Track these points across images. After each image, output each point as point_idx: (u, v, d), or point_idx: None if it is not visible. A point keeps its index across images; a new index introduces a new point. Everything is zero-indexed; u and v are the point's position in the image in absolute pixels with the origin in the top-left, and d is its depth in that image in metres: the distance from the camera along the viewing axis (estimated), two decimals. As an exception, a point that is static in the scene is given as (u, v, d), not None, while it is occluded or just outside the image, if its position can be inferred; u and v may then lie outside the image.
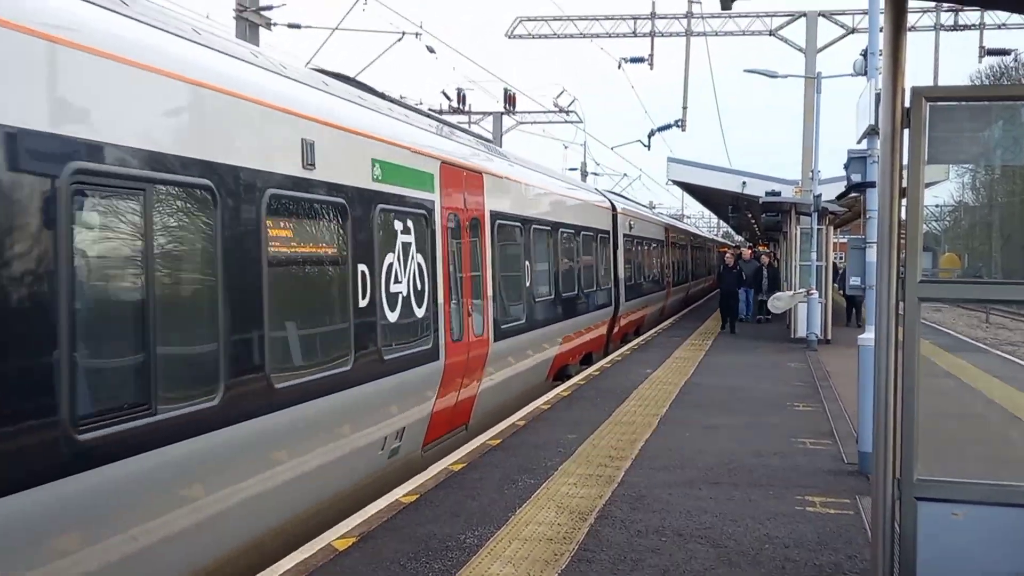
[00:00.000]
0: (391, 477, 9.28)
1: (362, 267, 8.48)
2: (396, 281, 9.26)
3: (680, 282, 37.90)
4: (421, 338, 9.94)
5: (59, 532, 5.01)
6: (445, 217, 10.81)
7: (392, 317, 9.14)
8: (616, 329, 22.95)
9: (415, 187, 9.98)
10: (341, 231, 8.22)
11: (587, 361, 19.49)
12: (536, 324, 14.80)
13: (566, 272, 17.28)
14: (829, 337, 23.91)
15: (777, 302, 23.63)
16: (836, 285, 30.69)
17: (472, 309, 11.61)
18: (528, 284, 14.47)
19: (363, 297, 8.48)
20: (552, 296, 16.14)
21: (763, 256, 31.91)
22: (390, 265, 9.13)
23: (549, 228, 16.18)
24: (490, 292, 12.42)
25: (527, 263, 14.48)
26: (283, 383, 7.09)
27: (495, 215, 12.86)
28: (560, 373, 17.15)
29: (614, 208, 23.44)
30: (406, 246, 9.59)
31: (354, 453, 8.43)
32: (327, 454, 7.90)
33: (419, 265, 9.88)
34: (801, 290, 23.55)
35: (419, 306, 9.85)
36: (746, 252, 31.92)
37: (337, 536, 7.36)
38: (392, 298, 9.18)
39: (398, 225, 9.47)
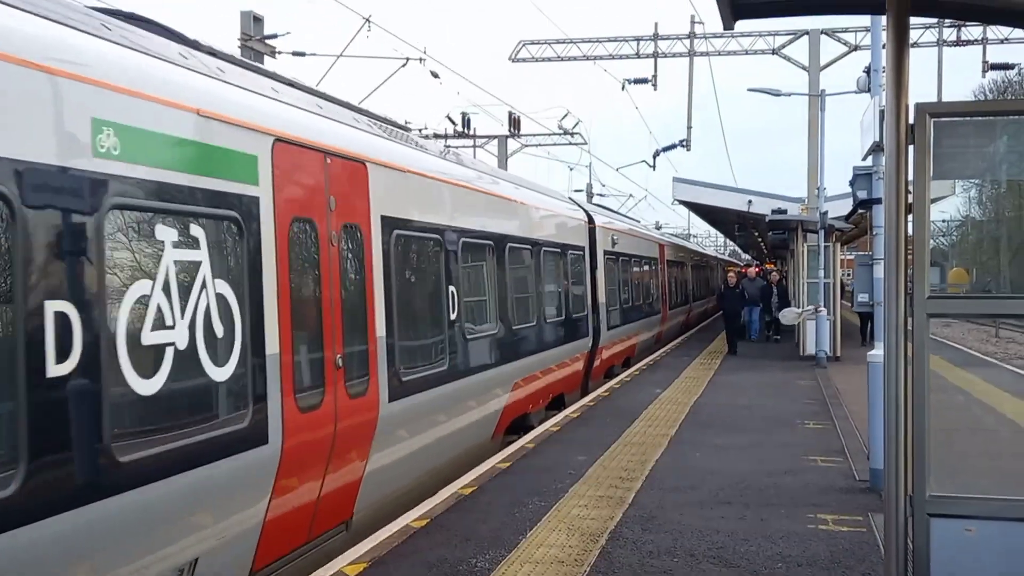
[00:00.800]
0: None
1: (59, 307, 4.88)
2: (160, 326, 5.70)
3: (678, 304, 34.55)
4: (225, 414, 6.36)
5: None
6: (283, 223, 7.12)
7: (146, 387, 5.54)
8: (597, 363, 19.44)
9: (213, 174, 6.36)
10: None
11: (557, 405, 16.02)
12: (469, 369, 11.02)
13: (519, 298, 13.65)
14: (838, 354, 23.86)
15: (788, 314, 23.78)
16: (850, 303, 30.52)
17: (345, 358, 7.83)
18: (455, 316, 10.63)
19: (61, 359, 4.86)
20: (497, 330, 12.33)
21: (772, 274, 30.94)
22: (142, 299, 5.57)
23: (491, 242, 12.36)
24: (380, 332, 8.56)
25: (452, 289, 10.62)
26: None
27: (390, 223, 9.02)
28: (517, 425, 13.56)
29: (591, 221, 19.62)
30: (187, 269, 6.01)
31: None
32: None
33: (221, 298, 6.30)
34: (809, 307, 23.53)
35: (220, 363, 6.25)
36: (751, 271, 31.25)
37: (348, 562, 7.34)
38: (148, 355, 5.59)
39: (166, 234, 5.83)
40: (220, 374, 6.28)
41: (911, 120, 4.93)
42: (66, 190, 5.02)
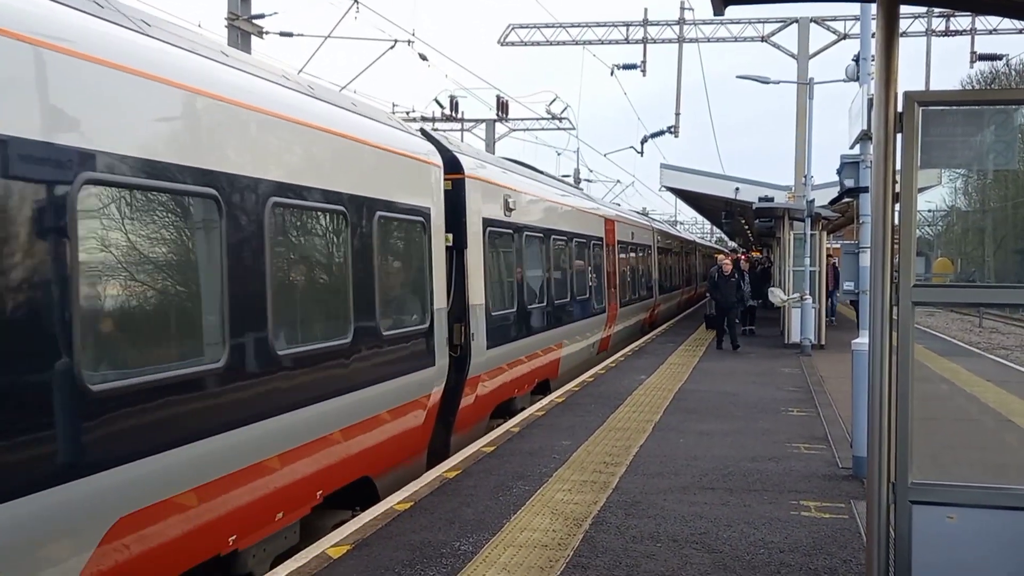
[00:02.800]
0: None
1: None
2: None
3: (636, 299, 27.31)
4: None
5: None
6: None
7: None
8: (469, 401, 12.04)
9: None
10: None
11: (364, 497, 8.98)
12: None
13: (145, 314, 5.95)
14: (823, 342, 23.95)
15: (775, 293, 23.71)
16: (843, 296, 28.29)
17: None
18: None
19: None
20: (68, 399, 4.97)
21: (741, 261, 26.70)
22: None
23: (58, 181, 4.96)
24: None
25: None
26: None
27: None
28: None
29: (455, 167, 11.85)
30: None
31: None
32: None
33: None
34: (795, 295, 23.61)
35: None
36: (720, 258, 27.68)
37: (331, 544, 7.34)
38: None
39: None
40: None
41: (899, 108, 4.93)
42: None
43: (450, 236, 11.44)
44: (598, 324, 21.02)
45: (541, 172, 19.35)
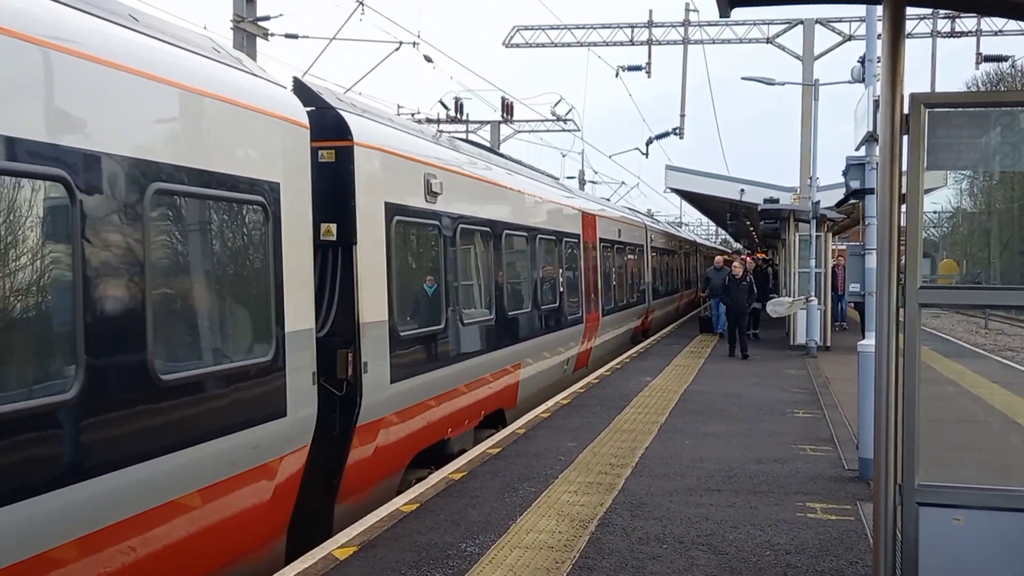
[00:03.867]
0: None
1: None
2: None
3: (623, 306, 23.90)
4: None
5: None
6: None
7: None
8: (366, 453, 8.89)
9: None
10: None
11: None
12: None
13: None
14: (828, 344, 23.93)
15: (777, 307, 23.59)
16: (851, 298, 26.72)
17: None
18: None
19: None
20: None
21: (735, 265, 23.52)
22: None
23: None
24: None
25: None
26: None
27: None
28: None
29: (339, 132, 8.79)
30: None
31: None
32: None
33: None
34: (801, 297, 23.58)
35: None
36: (718, 259, 27.39)
37: (338, 545, 7.35)
38: None
39: None
40: None
41: (906, 110, 4.94)
42: None
43: (332, 227, 8.67)
44: (573, 337, 17.51)
45: (502, 155, 16.22)
